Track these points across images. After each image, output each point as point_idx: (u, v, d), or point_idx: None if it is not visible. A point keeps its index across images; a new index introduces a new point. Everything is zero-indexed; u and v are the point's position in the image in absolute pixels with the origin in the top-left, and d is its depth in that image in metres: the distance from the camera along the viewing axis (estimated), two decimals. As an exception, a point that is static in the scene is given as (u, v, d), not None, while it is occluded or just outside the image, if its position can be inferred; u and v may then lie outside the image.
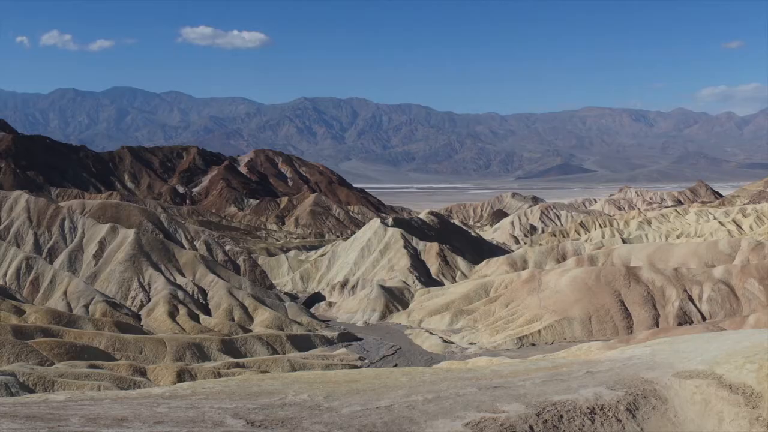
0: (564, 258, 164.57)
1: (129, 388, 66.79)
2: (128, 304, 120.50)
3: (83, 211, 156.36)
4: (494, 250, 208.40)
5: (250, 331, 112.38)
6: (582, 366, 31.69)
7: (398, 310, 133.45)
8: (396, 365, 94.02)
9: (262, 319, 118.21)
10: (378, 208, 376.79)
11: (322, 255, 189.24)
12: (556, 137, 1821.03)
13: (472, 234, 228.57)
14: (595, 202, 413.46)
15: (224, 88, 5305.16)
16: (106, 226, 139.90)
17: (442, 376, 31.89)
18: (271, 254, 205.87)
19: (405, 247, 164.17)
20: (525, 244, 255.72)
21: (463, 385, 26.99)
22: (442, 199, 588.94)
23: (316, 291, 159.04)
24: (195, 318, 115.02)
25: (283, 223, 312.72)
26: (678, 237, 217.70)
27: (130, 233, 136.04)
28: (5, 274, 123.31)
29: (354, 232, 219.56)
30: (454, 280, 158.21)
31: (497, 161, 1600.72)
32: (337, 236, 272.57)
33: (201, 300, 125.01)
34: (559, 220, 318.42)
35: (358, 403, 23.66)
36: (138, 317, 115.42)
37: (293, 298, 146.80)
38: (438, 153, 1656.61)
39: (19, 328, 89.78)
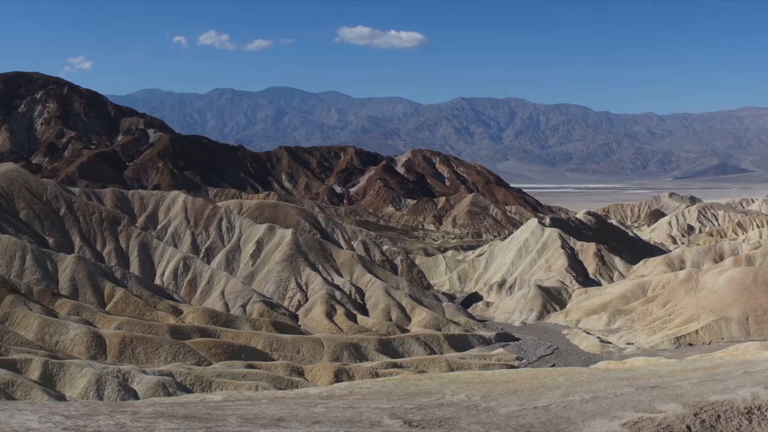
0: (721, 258, 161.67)
1: (286, 388, 67.44)
2: (285, 304, 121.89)
3: (240, 211, 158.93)
4: (651, 250, 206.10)
5: (408, 331, 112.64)
6: (739, 366, 31.33)
7: (555, 310, 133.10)
8: (553, 365, 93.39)
9: (420, 319, 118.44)
10: (535, 208, 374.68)
11: (479, 255, 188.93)
12: (713, 137, 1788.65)
13: (630, 234, 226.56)
14: (753, 202, 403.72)
15: (382, 88, 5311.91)
16: (264, 226, 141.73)
17: (600, 376, 31.77)
18: (428, 254, 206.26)
19: (562, 247, 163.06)
20: (682, 244, 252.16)
21: (621, 385, 26.77)
22: (600, 199, 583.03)
23: (473, 291, 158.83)
24: (352, 318, 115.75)
25: (441, 223, 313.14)
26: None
27: (288, 233, 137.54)
28: (163, 274, 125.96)
29: (511, 232, 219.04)
30: (611, 280, 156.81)
31: (654, 161, 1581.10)
32: (495, 236, 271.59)
33: (358, 300, 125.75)
34: (717, 220, 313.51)
35: (515, 403, 23.49)
36: (295, 317, 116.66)
37: (451, 298, 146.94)
38: (595, 153, 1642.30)
39: (176, 328, 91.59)
